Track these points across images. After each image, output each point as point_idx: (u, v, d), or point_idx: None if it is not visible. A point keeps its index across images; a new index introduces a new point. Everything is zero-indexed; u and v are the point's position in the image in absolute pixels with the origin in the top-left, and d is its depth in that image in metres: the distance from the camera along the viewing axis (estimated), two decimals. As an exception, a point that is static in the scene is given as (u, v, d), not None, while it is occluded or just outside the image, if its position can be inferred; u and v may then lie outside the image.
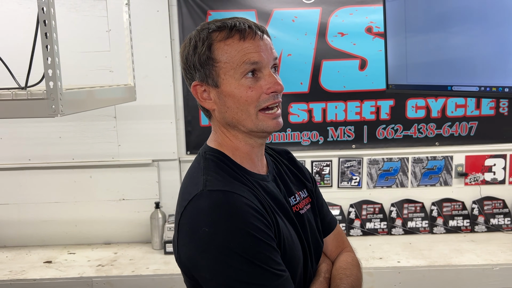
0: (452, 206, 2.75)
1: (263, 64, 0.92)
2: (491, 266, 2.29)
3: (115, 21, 2.58)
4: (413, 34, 1.48)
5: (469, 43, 1.34)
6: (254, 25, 0.93)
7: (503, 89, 1.23)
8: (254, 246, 0.82)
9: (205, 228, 0.83)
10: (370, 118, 2.72)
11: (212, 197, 0.87)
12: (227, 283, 0.82)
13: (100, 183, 2.71)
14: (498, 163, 2.76)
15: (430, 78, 1.45)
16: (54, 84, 1.29)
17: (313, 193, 1.10)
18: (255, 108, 0.92)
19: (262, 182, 0.97)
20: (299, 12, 2.60)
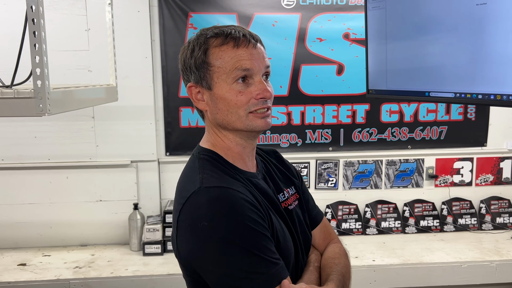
0: (423, 206, 2.86)
1: (254, 71, 0.97)
2: (459, 263, 2.41)
3: (95, 20, 2.56)
4: (393, 41, 1.56)
5: (444, 51, 1.43)
6: (249, 34, 0.98)
7: (477, 95, 1.32)
8: (252, 237, 0.87)
9: (205, 222, 0.87)
10: (347, 121, 2.80)
11: (210, 193, 0.91)
12: (229, 273, 0.87)
13: (77, 184, 2.67)
14: (466, 166, 2.90)
15: (408, 84, 1.52)
16: (42, 83, 1.29)
17: (300, 190, 1.16)
18: (245, 111, 0.97)
19: (253, 180, 1.02)
20: (279, 17, 2.66)
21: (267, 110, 0.99)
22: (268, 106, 0.99)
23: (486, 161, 2.90)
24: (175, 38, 2.65)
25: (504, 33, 1.24)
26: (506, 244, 2.62)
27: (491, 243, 2.64)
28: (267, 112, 0.99)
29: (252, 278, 0.86)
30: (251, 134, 1.01)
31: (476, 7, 1.28)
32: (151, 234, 2.54)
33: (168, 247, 2.56)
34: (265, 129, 1.00)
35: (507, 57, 1.24)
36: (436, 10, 1.41)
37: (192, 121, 2.72)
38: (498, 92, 1.26)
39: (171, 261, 2.44)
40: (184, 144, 2.75)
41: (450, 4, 1.37)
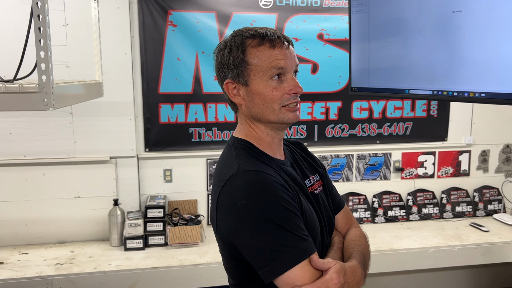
0: (390, 198, 3.06)
1: (287, 69, 1.08)
2: (425, 249, 2.61)
3: (73, 15, 2.55)
4: (375, 42, 1.69)
5: (423, 53, 1.57)
6: (282, 36, 1.09)
7: (452, 93, 1.47)
8: (284, 215, 0.97)
9: (242, 201, 0.97)
10: (320, 118, 2.94)
11: (247, 176, 1.01)
12: (264, 246, 0.96)
13: (54, 181, 2.64)
14: (429, 159, 3.12)
15: (389, 82, 1.66)
16: (46, 78, 1.31)
17: (324, 177, 1.28)
18: (279, 105, 1.08)
19: (283, 166, 1.12)
20: (257, 16, 2.75)
21: (297, 104, 1.10)
22: (298, 101, 1.10)
23: (447, 155, 3.14)
24: (154, 35, 2.68)
25: (476, 39, 1.39)
26: (465, 230, 2.86)
27: (452, 230, 2.86)
28: (297, 106, 1.10)
29: (284, 251, 0.95)
30: (281, 126, 1.12)
31: (452, 14, 1.43)
32: (133, 229, 2.56)
33: (149, 241, 2.59)
34: (295, 121, 1.11)
35: (478, 60, 1.40)
36: (416, 15, 1.55)
37: (171, 117, 2.76)
38: (471, 90, 1.42)
39: (154, 255, 2.48)
40: (163, 140, 2.78)
41: (428, 10, 1.51)
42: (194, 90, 2.76)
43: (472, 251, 2.65)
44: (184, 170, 2.84)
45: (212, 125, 2.81)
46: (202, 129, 2.81)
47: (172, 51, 2.70)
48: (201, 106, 2.78)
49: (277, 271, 0.95)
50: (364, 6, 1.68)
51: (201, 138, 2.82)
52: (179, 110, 2.76)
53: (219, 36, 2.73)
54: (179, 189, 2.85)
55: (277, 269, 0.95)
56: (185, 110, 2.77)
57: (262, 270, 0.97)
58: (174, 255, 2.48)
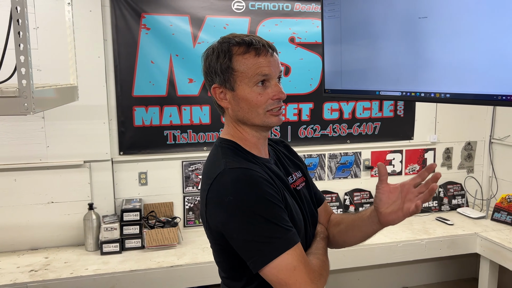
0: (361, 195, 3.17)
1: (271, 76, 1.14)
2: (396, 243, 2.72)
3: (43, 18, 2.51)
4: (347, 46, 1.77)
5: (392, 56, 1.66)
6: (267, 44, 1.15)
7: (420, 94, 1.57)
8: (270, 208, 1.03)
9: (230, 197, 1.03)
10: (293, 119, 3.01)
11: (233, 173, 1.07)
12: (251, 238, 1.02)
13: (26, 187, 2.60)
14: (397, 157, 3.26)
15: (361, 84, 1.74)
16: (27, 82, 1.32)
17: (306, 174, 1.35)
18: (263, 110, 1.14)
19: (267, 164, 1.19)
20: (230, 20, 2.80)
21: (280, 108, 1.16)
22: (282, 106, 1.17)
23: (413, 153, 3.28)
24: (127, 38, 2.68)
25: (441, 44, 1.49)
26: (432, 224, 3.00)
27: (419, 224, 3.00)
28: (281, 110, 1.17)
29: (271, 242, 1.01)
30: (265, 128, 1.18)
31: (418, 19, 1.53)
32: (109, 233, 2.55)
33: (126, 245, 2.59)
34: (278, 124, 1.17)
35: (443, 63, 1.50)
36: (384, 21, 1.64)
37: (146, 120, 2.77)
38: (437, 91, 1.52)
39: (131, 258, 2.48)
40: (137, 143, 2.78)
41: (395, 16, 1.60)
42: (168, 93, 2.77)
43: (439, 244, 2.79)
44: (159, 173, 2.85)
45: (187, 127, 2.84)
46: (177, 132, 2.83)
47: (146, 54, 2.71)
48: (176, 108, 2.80)
49: (264, 261, 1.01)
50: (336, 11, 1.76)
51: (176, 141, 2.83)
52: (153, 113, 2.77)
53: (193, 39, 2.76)
54: (155, 192, 2.85)
55: (264, 258, 1.01)
56: (160, 112, 2.78)
57: (250, 261, 1.03)
58: (152, 258, 2.49)
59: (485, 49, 1.36)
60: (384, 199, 1.16)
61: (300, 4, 2.89)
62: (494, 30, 1.33)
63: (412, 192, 1.15)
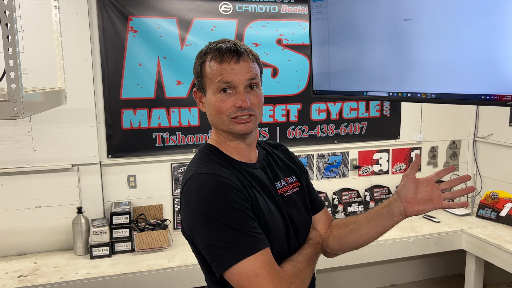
0: (349, 194, 3.20)
1: (235, 84, 1.12)
2: (384, 241, 2.76)
3: (28, 21, 2.49)
4: (334, 47, 1.80)
5: (378, 57, 1.69)
6: (234, 50, 1.13)
7: (406, 94, 1.60)
8: (231, 214, 1.04)
9: (195, 201, 1.06)
10: (282, 120, 3.04)
11: (200, 178, 1.09)
12: (211, 243, 1.04)
13: (13, 191, 2.57)
14: (383, 156, 3.30)
15: (349, 85, 1.77)
16: (16, 86, 1.31)
17: (302, 179, 1.34)
18: (227, 117, 1.14)
19: (248, 169, 1.19)
20: (218, 22, 2.81)
21: (249, 116, 1.14)
22: (248, 114, 1.14)
23: (400, 152, 3.33)
24: (115, 41, 2.67)
25: (426, 44, 1.53)
26: (419, 222, 3.05)
27: (407, 222, 3.04)
28: (247, 118, 1.14)
29: (231, 248, 1.02)
30: (236, 135, 1.17)
31: (404, 21, 1.56)
32: (99, 237, 2.53)
33: (116, 248, 2.57)
34: (244, 133, 1.15)
35: (428, 64, 1.53)
36: (370, 23, 1.67)
37: (134, 123, 2.76)
38: (423, 91, 1.55)
39: (121, 262, 2.47)
40: (126, 146, 2.77)
41: (381, 18, 1.64)
42: (156, 95, 2.77)
43: (426, 241, 2.84)
44: (148, 176, 2.84)
45: (176, 129, 2.84)
46: (165, 134, 2.83)
47: (134, 56, 2.70)
48: (164, 111, 2.80)
49: (224, 266, 1.02)
50: (323, 14, 1.79)
51: (165, 143, 2.83)
52: (141, 116, 2.77)
53: (181, 42, 2.76)
54: (144, 195, 2.85)
55: (224, 264, 1.02)
56: (148, 115, 2.78)
57: (213, 265, 1.05)
58: (142, 261, 2.48)
59: (469, 50, 1.40)
60: (413, 188, 1.18)
61: (287, 6, 2.92)
62: (477, 31, 1.37)
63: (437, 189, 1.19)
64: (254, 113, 1.15)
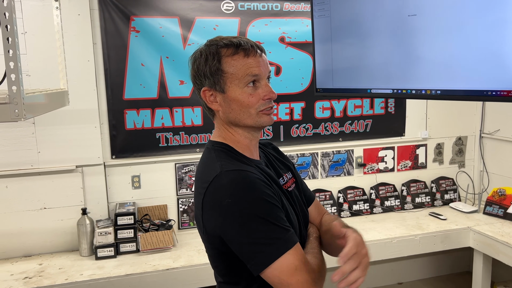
0: (354, 192, 3.18)
1: (261, 76, 1.14)
2: (390, 239, 2.74)
3: (31, 23, 2.49)
4: (337, 44, 1.78)
5: (382, 54, 1.67)
6: (255, 45, 1.15)
7: (411, 91, 1.58)
8: (268, 209, 1.03)
9: (228, 199, 1.02)
10: (285, 118, 3.02)
11: (230, 175, 1.06)
12: (251, 241, 1.02)
13: (17, 193, 2.57)
14: (389, 154, 3.28)
15: (352, 82, 1.76)
16: (17, 88, 1.30)
17: (296, 174, 1.35)
18: (256, 110, 1.14)
19: (260, 166, 1.19)
20: (220, 21, 2.79)
21: (271, 108, 1.16)
22: (273, 105, 1.17)
23: (405, 149, 3.31)
24: (117, 41, 2.66)
25: (430, 40, 1.51)
26: (425, 220, 3.03)
27: (413, 220, 3.02)
28: (272, 110, 1.17)
29: (272, 243, 1.01)
30: (258, 129, 1.18)
31: (408, 17, 1.54)
32: (103, 238, 2.53)
33: (121, 249, 2.57)
34: (270, 124, 1.18)
35: (432, 60, 1.51)
36: (373, 19, 1.65)
37: (137, 123, 2.75)
38: (428, 88, 1.53)
39: (126, 262, 2.47)
40: (129, 147, 2.77)
41: (385, 14, 1.62)
42: (159, 95, 2.76)
43: (432, 239, 2.81)
44: (152, 176, 2.84)
45: (179, 129, 2.83)
46: (169, 134, 2.82)
47: (136, 57, 2.70)
48: (167, 111, 2.79)
49: (265, 262, 1.00)
50: (326, 10, 1.77)
51: (169, 143, 2.82)
52: (145, 116, 2.76)
53: (183, 41, 2.75)
54: (148, 195, 2.84)
55: (265, 260, 1.00)
56: (151, 115, 2.77)
57: (251, 263, 1.02)
58: (147, 261, 2.48)
59: (473, 45, 1.38)
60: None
61: (290, 3, 2.90)
62: (482, 27, 1.35)
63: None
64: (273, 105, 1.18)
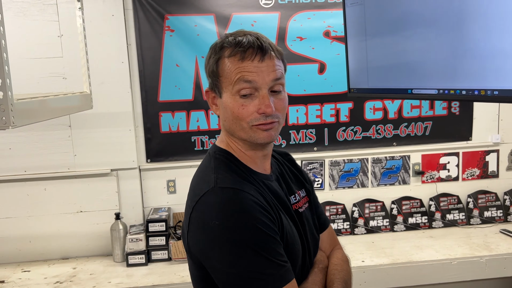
0: (410, 203, 2.83)
1: (258, 85, 0.95)
2: (449, 260, 2.38)
3: (67, 26, 2.47)
4: (373, 38, 1.51)
5: (425, 47, 1.38)
6: (258, 46, 0.95)
7: (460, 91, 1.28)
8: (261, 239, 0.89)
9: (216, 221, 0.89)
10: (331, 120, 2.76)
11: (223, 194, 0.92)
12: (236, 272, 0.88)
13: (55, 196, 2.58)
14: (452, 160, 2.88)
15: (390, 82, 1.48)
16: (4, 94, 1.21)
17: (311, 193, 1.17)
18: (248, 124, 0.96)
19: (266, 181, 1.02)
20: (258, 16, 2.60)
21: (272, 123, 0.97)
22: (271, 121, 0.97)
23: (472, 155, 2.89)
24: (151, 41, 2.57)
25: (485, 27, 1.20)
26: (494, 238, 2.61)
27: (479, 238, 2.62)
28: (270, 125, 0.97)
29: (259, 279, 0.87)
30: (254, 144, 1.01)
31: (455, 1, 1.24)
32: (134, 244, 2.46)
33: (152, 256, 2.49)
34: (267, 142, 0.99)
35: (488, 51, 1.20)
36: (415, 5, 1.37)
37: (172, 126, 2.65)
38: (482, 87, 1.22)
39: (156, 272, 2.37)
40: (165, 150, 2.68)
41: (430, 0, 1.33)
42: (195, 97, 2.64)
43: (503, 262, 2.40)
44: (188, 180, 2.64)
45: (215, 132, 2.68)
46: (205, 137, 2.68)
47: (171, 57, 2.59)
48: (203, 113, 2.66)
49: None
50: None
51: (204, 147, 2.69)
52: (180, 118, 2.65)
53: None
54: (184, 200, 2.66)
55: None
56: (187, 118, 2.65)
57: None
58: (177, 271, 2.37)
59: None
60: None
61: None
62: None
63: None
64: (278, 119, 0.98)
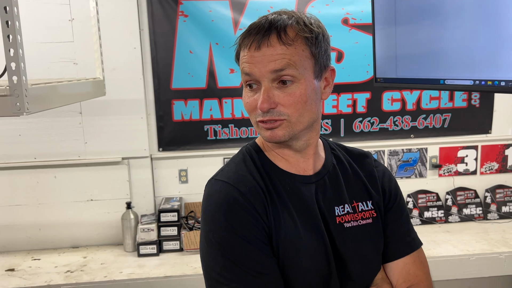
0: (427, 197, 2.77)
1: (257, 77, 0.86)
2: (467, 256, 2.32)
3: (79, 10, 2.41)
4: (403, 25, 1.44)
5: (460, 34, 1.31)
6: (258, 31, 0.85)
7: (499, 82, 1.20)
8: (230, 241, 0.84)
9: (203, 214, 0.91)
10: (347, 111, 2.68)
11: (213, 186, 0.90)
12: (205, 268, 0.88)
13: (65, 184, 2.54)
14: (470, 154, 2.81)
15: (421, 71, 1.41)
16: (18, 78, 1.16)
17: (381, 208, 0.99)
18: (255, 119, 0.90)
19: (297, 183, 0.92)
20: (275, 2, 2.52)
21: (275, 121, 0.86)
22: (271, 118, 0.86)
23: (491, 149, 2.81)
24: (164, 27, 2.50)
25: (529, 13, 1.12)
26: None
27: (498, 233, 2.56)
28: (271, 124, 0.86)
29: (221, 282, 0.84)
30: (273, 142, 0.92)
31: (498, -15, 1.16)
32: (146, 234, 2.42)
33: (164, 247, 2.45)
34: (270, 141, 0.90)
35: (532, 39, 1.13)
36: (452, -10, 1.29)
37: (185, 115, 2.59)
38: (524, 79, 1.15)
39: (168, 262, 2.33)
40: (177, 139, 2.62)
41: (467, -18, 1.25)
42: (208, 85, 2.57)
43: (522, 259, 2.34)
44: (200, 170, 2.67)
45: (229, 121, 2.62)
46: (218, 127, 2.62)
47: (184, 43, 2.52)
48: (216, 101, 2.59)
49: None
50: (389, -18, 1.43)
51: (217, 136, 2.63)
52: (193, 107, 2.59)
53: (234, 26, 2.52)
54: (196, 190, 2.68)
55: None
56: (200, 106, 2.59)
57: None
58: (189, 262, 2.32)
59: None
60: None
61: (355, -21, 2.54)
62: None
63: None
64: (284, 117, 0.86)
